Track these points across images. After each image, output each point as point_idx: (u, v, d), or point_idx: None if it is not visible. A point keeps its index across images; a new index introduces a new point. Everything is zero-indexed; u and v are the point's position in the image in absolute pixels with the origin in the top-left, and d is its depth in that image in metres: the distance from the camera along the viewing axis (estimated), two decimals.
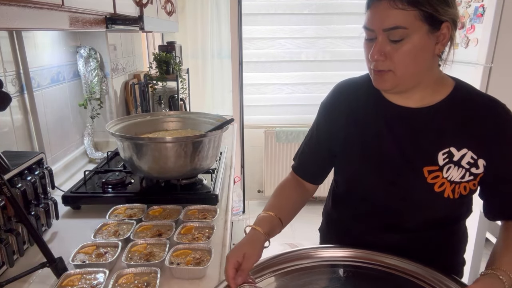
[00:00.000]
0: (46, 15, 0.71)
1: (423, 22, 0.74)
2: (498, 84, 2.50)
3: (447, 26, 0.76)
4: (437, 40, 0.77)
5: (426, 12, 0.74)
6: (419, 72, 0.80)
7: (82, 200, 1.23)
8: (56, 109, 1.46)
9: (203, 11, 3.05)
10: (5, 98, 0.82)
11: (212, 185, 1.31)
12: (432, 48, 0.78)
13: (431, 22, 0.75)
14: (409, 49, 0.76)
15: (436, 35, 0.76)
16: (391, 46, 0.77)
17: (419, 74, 0.80)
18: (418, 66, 0.79)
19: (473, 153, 0.82)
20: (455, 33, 0.79)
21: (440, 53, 0.80)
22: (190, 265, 0.89)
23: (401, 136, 0.85)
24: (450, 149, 0.82)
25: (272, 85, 3.28)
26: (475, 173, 0.83)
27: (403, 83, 0.80)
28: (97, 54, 1.69)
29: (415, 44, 0.76)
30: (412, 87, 0.83)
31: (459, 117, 0.83)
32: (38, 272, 0.88)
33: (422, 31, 0.75)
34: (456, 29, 0.79)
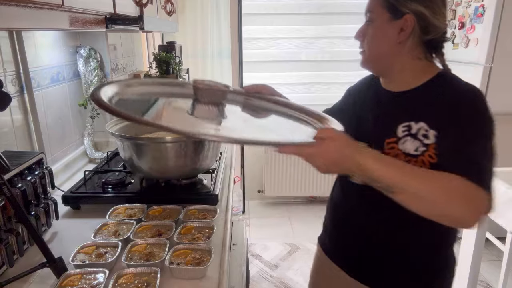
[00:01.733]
0: (46, 15, 0.71)
1: (385, 9, 0.84)
2: (498, 84, 2.50)
3: (409, 18, 0.82)
4: (401, 29, 0.84)
5: (388, 2, 0.83)
6: (382, 55, 0.88)
7: (82, 200, 1.23)
8: (56, 109, 1.46)
9: (203, 11, 3.05)
10: (5, 98, 0.82)
11: (212, 185, 1.31)
12: (395, 36, 0.85)
13: (392, 11, 0.84)
14: (373, 32, 0.87)
15: (397, 23, 0.84)
16: (366, 28, 0.89)
17: (384, 57, 0.89)
18: (379, 49, 0.88)
19: (428, 125, 0.83)
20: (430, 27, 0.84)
21: (401, 42, 0.85)
22: (190, 265, 0.89)
23: (377, 116, 0.94)
24: (410, 123, 0.85)
25: (272, 85, 3.28)
26: (426, 143, 0.83)
27: (371, 64, 0.92)
28: (97, 54, 1.69)
29: (377, 28, 0.87)
30: (385, 71, 0.92)
31: (430, 98, 0.86)
32: (38, 272, 0.88)
33: (383, 17, 0.85)
34: (429, 24, 0.83)
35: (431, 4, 0.82)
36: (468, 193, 0.71)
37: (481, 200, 0.72)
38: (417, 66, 0.88)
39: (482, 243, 1.92)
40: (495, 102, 2.72)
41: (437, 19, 0.83)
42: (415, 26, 0.83)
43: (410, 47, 0.86)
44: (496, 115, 0.86)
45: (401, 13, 0.83)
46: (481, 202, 0.72)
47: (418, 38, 0.85)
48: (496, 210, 0.76)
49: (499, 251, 2.27)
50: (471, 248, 1.91)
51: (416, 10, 0.82)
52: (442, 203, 0.71)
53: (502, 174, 1.75)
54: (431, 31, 0.84)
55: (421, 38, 0.85)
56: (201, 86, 0.90)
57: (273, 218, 3.18)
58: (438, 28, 0.85)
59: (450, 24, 2.78)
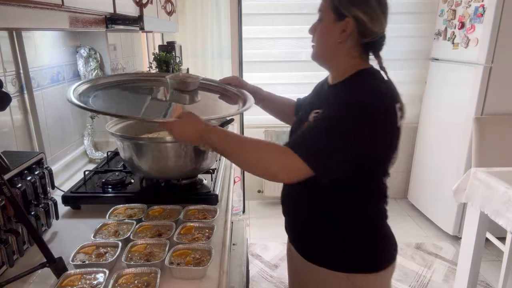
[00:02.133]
0: (46, 15, 0.71)
1: (331, 11, 0.94)
2: (498, 84, 2.50)
3: (349, 21, 0.92)
4: (342, 30, 0.93)
5: (334, 5, 0.93)
6: (326, 51, 1.00)
7: (82, 200, 1.23)
8: (56, 109, 1.46)
9: (203, 11, 3.05)
10: (5, 98, 0.82)
11: (212, 185, 1.31)
12: (337, 36, 0.94)
13: (337, 13, 0.93)
14: (320, 30, 0.98)
15: (340, 25, 0.93)
16: (316, 25, 1.00)
17: (327, 53, 1.00)
18: (324, 45, 0.99)
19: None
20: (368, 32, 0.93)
21: (341, 41, 0.94)
22: (190, 265, 0.89)
23: (311, 103, 1.09)
24: (319, 110, 0.98)
25: (272, 85, 3.27)
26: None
27: (318, 58, 1.02)
28: (97, 54, 1.69)
29: (324, 25, 0.97)
30: (328, 65, 1.03)
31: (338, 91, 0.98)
32: (38, 272, 0.88)
33: (329, 17, 0.95)
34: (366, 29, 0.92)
35: (370, 11, 0.91)
36: (274, 151, 0.90)
37: (284, 157, 0.88)
38: (349, 63, 0.98)
39: (482, 243, 1.92)
40: (495, 102, 2.75)
41: (374, 25, 0.92)
42: (354, 29, 0.93)
43: (348, 46, 0.96)
44: (496, 115, 0.86)
45: (344, 16, 0.93)
46: (284, 159, 0.88)
47: (356, 40, 0.94)
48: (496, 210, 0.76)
49: (499, 251, 2.27)
50: (471, 248, 1.92)
51: (356, 15, 0.91)
52: (253, 158, 0.92)
53: (502, 174, 1.75)
54: (368, 35, 0.93)
55: (359, 40, 0.94)
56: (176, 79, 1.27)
57: (273, 218, 3.18)
58: (375, 33, 0.94)
59: (450, 24, 2.78)
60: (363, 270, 1.00)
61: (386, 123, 0.90)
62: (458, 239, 2.78)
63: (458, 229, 2.78)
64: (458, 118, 2.70)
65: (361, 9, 0.91)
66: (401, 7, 3.11)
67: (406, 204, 3.42)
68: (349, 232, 1.00)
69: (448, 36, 2.82)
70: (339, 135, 0.87)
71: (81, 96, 1.14)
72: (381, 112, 0.89)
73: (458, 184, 1.95)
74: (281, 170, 0.89)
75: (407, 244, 2.79)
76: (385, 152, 0.96)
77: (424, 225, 3.08)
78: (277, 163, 0.90)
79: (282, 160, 0.89)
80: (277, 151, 0.90)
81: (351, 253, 1.00)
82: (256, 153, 0.92)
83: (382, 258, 1.03)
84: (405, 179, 3.48)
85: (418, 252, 2.70)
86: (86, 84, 1.24)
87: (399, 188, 3.52)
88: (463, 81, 2.66)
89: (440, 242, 2.82)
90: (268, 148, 0.92)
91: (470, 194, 1.84)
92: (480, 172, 1.80)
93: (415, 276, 2.43)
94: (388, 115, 0.90)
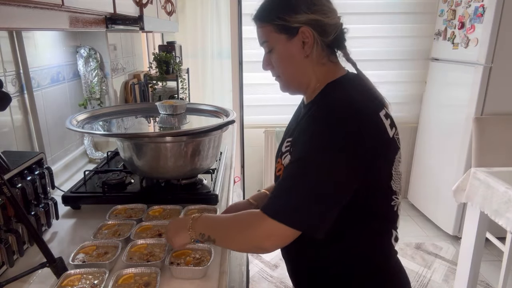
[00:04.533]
0: (46, 15, 0.71)
1: (279, 33, 0.84)
2: (498, 84, 2.50)
3: (305, 30, 0.82)
4: (302, 43, 0.83)
5: (278, 25, 0.83)
6: (297, 73, 0.88)
7: (82, 200, 1.23)
8: (56, 109, 1.46)
9: (203, 11, 3.04)
10: (5, 98, 0.82)
11: (212, 185, 1.31)
12: (300, 52, 0.84)
13: (286, 31, 0.83)
14: (278, 57, 0.87)
15: (297, 39, 0.83)
16: (270, 57, 0.89)
17: (298, 75, 0.88)
18: (293, 68, 0.87)
19: (292, 141, 0.87)
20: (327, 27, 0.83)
21: (308, 54, 0.84)
22: (190, 265, 0.89)
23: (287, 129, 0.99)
24: (292, 138, 0.88)
25: (272, 85, 3.26)
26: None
27: (290, 85, 0.91)
28: (97, 54, 1.69)
29: (280, 52, 0.86)
30: (299, 91, 0.92)
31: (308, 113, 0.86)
32: (38, 272, 0.88)
33: (281, 40, 0.84)
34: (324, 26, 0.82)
35: (318, 7, 0.82)
36: (251, 220, 0.79)
37: (264, 226, 0.75)
38: (321, 74, 0.87)
39: (482, 243, 1.92)
40: (495, 102, 2.74)
41: (330, 18, 0.83)
42: (313, 34, 0.82)
43: (316, 56, 0.85)
44: (496, 115, 0.85)
45: (295, 29, 0.82)
46: (265, 228, 0.75)
47: (320, 44, 0.84)
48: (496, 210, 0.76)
49: (499, 251, 2.27)
50: (471, 248, 1.92)
51: (306, 20, 0.82)
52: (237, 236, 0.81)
53: (502, 174, 1.75)
54: (329, 31, 0.84)
55: (324, 42, 0.85)
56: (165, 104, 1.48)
57: None
58: (334, 25, 0.84)
59: (450, 24, 2.78)
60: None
61: (369, 143, 0.76)
62: (458, 239, 2.78)
63: (458, 229, 2.78)
64: (458, 118, 2.70)
65: (309, 10, 0.81)
66: (401, 7, 3.11)
67: (406, 204, 3.42)
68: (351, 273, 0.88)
69: (448, 36, 2.81)
70: (315, 183, 0.73)
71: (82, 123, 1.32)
72: (359, 133, 0.75)
73: (458, 184, 1.95)
74: (265, 240, 0.76)
75: (407, 244, 2.79)
76: (378, 174, 0.82)
77: (424, 225, 3.08)
78: (261, 236, 0.76)
79: (264, 231, 0.75)
80: (257, 222, 0.76)
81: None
82: (239, 233, 0.80)
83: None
84: (405, 179, 3.48)
85: (418, 252, 2.70)
86: (85, 114, 1.40)
87: None
88: (463, 81, 2.66)
89: (440, 242, 2.82)
90: (249, 222, 0.79)
91: (470, 194, 1.84)
92: (480, 172, 1.80)
93: (415, 276, 2.43)
94: (369, 133, 0.76)
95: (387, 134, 0.80)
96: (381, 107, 0.82)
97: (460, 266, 2.04)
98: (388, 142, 0.81)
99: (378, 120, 0.79)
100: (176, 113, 1.47)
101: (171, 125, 1.45)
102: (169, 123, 1.46)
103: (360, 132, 0.75)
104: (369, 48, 3.14)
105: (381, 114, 0.80)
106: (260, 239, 0.76)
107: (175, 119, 1.45)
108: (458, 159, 2.71)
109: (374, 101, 0.83)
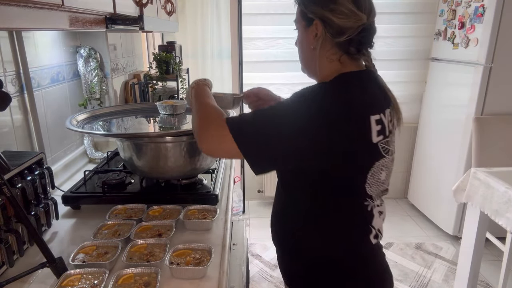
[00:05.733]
0: (46, 15, 0.71)
1: (302, 18, 0.90)
2: (498, 84, 2.50)
3: (316, 23, 0.85)
4: (315, 35, 0.86)
5: (301, 10, 0.89)
6: (305, 60, 0.94)
7: (82, 200, 1.23)
8: (56, 109, 1.46)
9: (203, 11, 3.05)
10: (5, 98, 0.82)
11: (212, 185, 1.31)
12: (312, 42, 0.88)
13: (305, 18, 0.88)
14: (298, 39, 0.95)
15: (311, 30, 0.87)
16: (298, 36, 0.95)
17: (308, 62, 0.93)
18: (303, 55, 0.94)
19: None
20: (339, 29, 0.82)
21: (314, 47, 0.87)
22: (190, 265, 0.89)
23: None
24: None
25: (272, 85, 3.26)
26: None
27: (304, 69, 0.97)
28: (97, 54, 1.69)
29: (299, 35, 0.93)
30: (312, 76, 0.95)
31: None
32: (38, 272, 0.88)
33: (302, 25, 0.90)
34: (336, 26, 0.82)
35: (335, 7, 0.81)
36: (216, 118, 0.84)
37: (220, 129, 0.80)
38: (331, 69, 0.87)
39: (482, 243, 1.92)
40: (495, 102, 2.74)
41: (345, 21, 0.81)
42: (324, 31, 0.84)
43: (325, 50, 0.86)
44: (496, 115, 0.85)
45: (311, 20, 0.86)
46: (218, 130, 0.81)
47: (330, 42, 0.85)
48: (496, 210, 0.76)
49: (499, 251, 2.27)
50: (471, 248, 1.91)
51: (321, 15, 0.83)
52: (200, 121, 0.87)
53: (502, 174, 1.75)
54: (341, 33, 0.82)
55: (333, 41, 0.84)
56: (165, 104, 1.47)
57: None
58: (349, 29, 0.82)
59: (450, 24, 2.78)
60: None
61: (343, 133, 0.77)
62: (458, 239, 2.78)
63: (458, 229, 2.78)
64: (458, 118, 2.70)
65: (327, 7, 0.82)
66: (401, 7, 3.11)
67: (406, 204, 3.42)
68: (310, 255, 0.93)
69: (448, 36, 2.81)
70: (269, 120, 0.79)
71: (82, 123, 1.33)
72: (337, 119, 0.76)
73: (458, 184, 1.95)
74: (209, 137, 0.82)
75: (407, 244, 2.79)
76: (345, 166, 0.81)
77: (424, 225, 3.08)
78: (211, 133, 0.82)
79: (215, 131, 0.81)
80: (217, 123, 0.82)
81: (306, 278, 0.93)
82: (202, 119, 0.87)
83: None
84: (405, 179, 3.48)
85: (418, 252, 2.70)
86: (85, 114, 1.41)
87: (399, 188, 3.52)
88: (463, 81, 2.66)
89: (440, 242, 2.82)
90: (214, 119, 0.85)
91: (470, 194, 1.84)
92: (480, 172, 1.80)
93: (415, 276, 2.43)
94: (346, 125, 0.77)
95: (368, 137, 0.80)
96: (377, 111, 0.82)
97: (460, 266, 2.04)
98: (367, 145, 0.80)
99: (364, 122, 0.79)
100: (176, 113, 1.47)
101: (171, 125, 1.45)
102: (169, 123, 1.46)
103: (340, 120, 0.76)
104: (369, 48, 3.14)
105: (372, 118, 0.80)
106: (207, 135, 0.83)
107: (175, 119, 1.45)
108: (458, 159, 2.70)
109: (372, 103, 0.82)
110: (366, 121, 0.79)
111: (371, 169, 0.83)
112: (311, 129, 0.76)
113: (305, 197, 0.89)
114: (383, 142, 0.83)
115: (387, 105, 0.86)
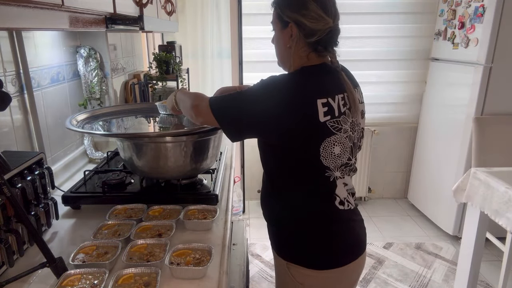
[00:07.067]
0: (46, 15, 0.71)
1: (278, 20, 1.02)
2: (498, 84, 2.50)
3: (291, 26, 0.98)
4: (290, 36, 0.99)
5: (278, 14, 1.01)
6: (281, 56, 1.07)
7: (82, 200, 1.23)
8: (56, 109, 1.46)
9: (203, 11, 3.04)
10: (5, 98, 0.82)
11: (212, 185, 1.31)
12: (287, 42, 1.01)
13: (281, 21, 1.01)
14: (274, 39, 1.08)
15: (287, 31, 1.00)
16: (274, 36, 1.09)
17: (282, 59, 1.07)
18: (279, 52, 1.08)
19: None
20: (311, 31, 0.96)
21: (290, 46, 1.00)
22: (190, 265, 0.89)
23: None
24: None
25: None
26: None
27: (279, 64, 1.11)
28: (97, 54, 1.69)
29: (276, 35, 1.07)
30: (285, 68, 1.08)
31: None
32: (38, 272, 0.88)
33: (278, 27, 1.03)
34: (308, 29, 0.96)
35: (308, 13, 0.94)
36: (202, 97, 1.05)
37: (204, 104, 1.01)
38: (299, 64, 1.02)
39: (482, 243, 1.92)
40: (495, 102, 2.74)
41: (316, 25, 0.95)
42: (298, 32, 0.97)
43: (297, 49, 1.00)
44: (496, 115, 0.86)
45: (287, 23, 0.99)
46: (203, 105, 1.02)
47: (302, 41, 0.98)
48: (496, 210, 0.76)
49: (499, 251, 2.27)
50: (471, 248, 1.91)
51: (296, 19, 0.96)
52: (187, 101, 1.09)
53: (502, 174, 1.75)
54: (312, 34, 0.97)
55: (305, 41, 0.98)
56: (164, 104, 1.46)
57: None
58: (319, 31, 0.96)
59: (450, 24, 2.78)
60: (298, 263, 1.04)
61: (295, 112, 0.92)
62: (458, 239, 2.78)
63: (458, 229, 2.78)
64: (458, 118, 2.70)
65: (300, 12, 0.95)
66: (401, 7, 3.11)
67: (406, 204, 3.42)
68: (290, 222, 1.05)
69: (448, 36, 2.81)
70: (238, 100, 0.98)
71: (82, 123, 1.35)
72: (291, 101, 0.92)
73: (458, 184, 1.95)
74: (197, 109, 1.03)
75: (407, 244, 2.79)
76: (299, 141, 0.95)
77: (424, 225, 3.08)
78: (200, 108, 1.03)
79: (202, 106, 1.02)
80: (203, 100, 1.03)
81: (289, 243, 1.06)
82: (195, 100, 1.06)
83: (321, 257, 1.03)
84: (405, 179, 3.48)
85: (418, 252, 2.70)
86: (85, 114, 1.43)
87: (399, 188, 3.52)
88: (463, 81, 2.66)
89: (440, 242, 2.82)
90: (200, 98, 1.05)
91: (470, 194, 1.84)
92: (480, 172, 1.80)
93: (415, 276, 2.43)
94: (298, 106, 0.92)
95: (315, 116, 0.93)
96: (324, 96, 0.95)
97: (460, 266, 2.04)
98: (315, 123, 0.94)
99: (312, 104, 0.93)
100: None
101: (171, 125, 1.45)
102: (169, 123, 1.46)
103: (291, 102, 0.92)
104: (369, 48, 3.14)
105: (319, 101, 0.93)
106: (200, 110, 1.03)
107: (175, 119, 1.45)
108: (458, 159, 2.70)
109: (319, 89, 0.96)
110: (314, 103, 0.93)
111: (322, 143, 0.95)
112: (271, 108, 0.92)
113: (276, 171, 1.05)
114: (331, 121, 0.95)
115: (339, 91, 0.99)
